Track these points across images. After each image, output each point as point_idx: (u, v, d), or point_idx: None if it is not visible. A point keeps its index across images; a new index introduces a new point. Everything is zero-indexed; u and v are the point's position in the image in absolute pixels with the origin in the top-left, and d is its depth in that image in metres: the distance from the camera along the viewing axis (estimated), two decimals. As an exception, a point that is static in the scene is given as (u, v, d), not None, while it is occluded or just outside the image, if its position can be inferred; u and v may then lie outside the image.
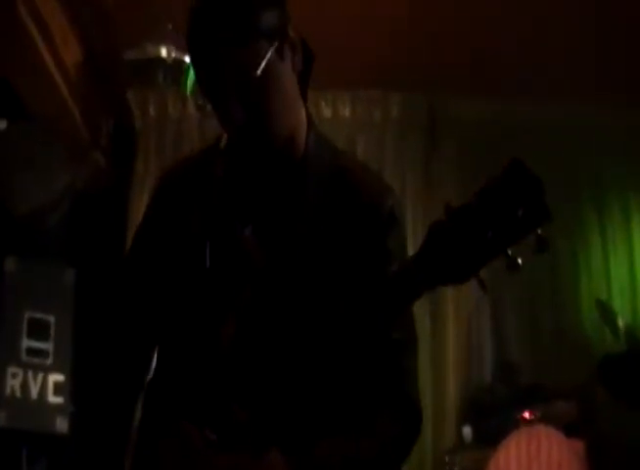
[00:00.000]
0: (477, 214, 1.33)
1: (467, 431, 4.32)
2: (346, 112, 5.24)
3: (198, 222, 1.80)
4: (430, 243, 1.38)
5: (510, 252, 1.35)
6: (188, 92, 4.99)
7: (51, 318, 4.44)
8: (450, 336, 5.03)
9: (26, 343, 4.31)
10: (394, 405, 1.72)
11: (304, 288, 1.71)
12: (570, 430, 3.90)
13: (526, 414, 4.03)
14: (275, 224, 1.75)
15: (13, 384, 4.20)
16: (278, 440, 1.60)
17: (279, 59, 1.69)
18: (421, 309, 4.94)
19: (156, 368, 1.89)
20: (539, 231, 1.32)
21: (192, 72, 4.72)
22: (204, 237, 1.76)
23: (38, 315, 4.39)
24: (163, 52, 4.57)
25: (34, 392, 4.26)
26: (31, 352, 4.31)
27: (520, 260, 1.33)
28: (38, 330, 4.36)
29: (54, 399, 4.35)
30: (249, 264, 1.74)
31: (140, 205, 4.96)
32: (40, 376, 4.31)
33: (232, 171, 1.81)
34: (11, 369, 4.21)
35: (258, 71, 1.63)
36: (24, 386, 4.24)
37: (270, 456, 1.58)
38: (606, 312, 4.37)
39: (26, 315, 4.33)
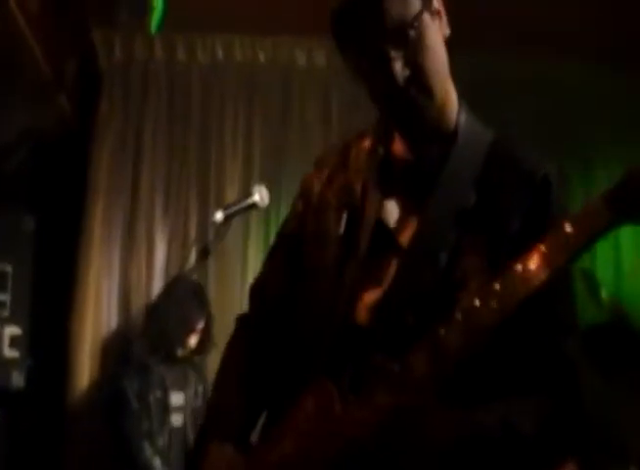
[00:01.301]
0: None
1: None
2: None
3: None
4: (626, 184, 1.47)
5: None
6: (154, 32, 4.78)
7: (8, 268, 4.30)
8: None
9: (-19, 293, 4.17)
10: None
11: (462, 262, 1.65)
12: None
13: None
14: (426, 195, 1.71)
15: (-34, 336, 4.08)
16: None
17: (431, 19, 1.68)
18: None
19: None
20: None
21: (159, 11, 4.52)
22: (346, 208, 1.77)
23: (-5, 265, 4.23)
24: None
25: (-11, 345, 4.13)
26: (-14, 303, 4.17)
27: None
28: (-6, 280, 4.21)
29: (10, 352, 4.21)
30: (392, 241, 1.72)
31: (102, 149, 4.81)
32: (-5, 329, 4.16)
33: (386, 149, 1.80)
34: (-36, 321, 4.08)
35: (417, 23, 1.62)
36: (-22, 338, 4.11)
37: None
38: (590, 283, 4.28)
39: (-19, 264, 4.17)
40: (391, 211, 1.74)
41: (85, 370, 4.33)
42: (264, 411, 1.84)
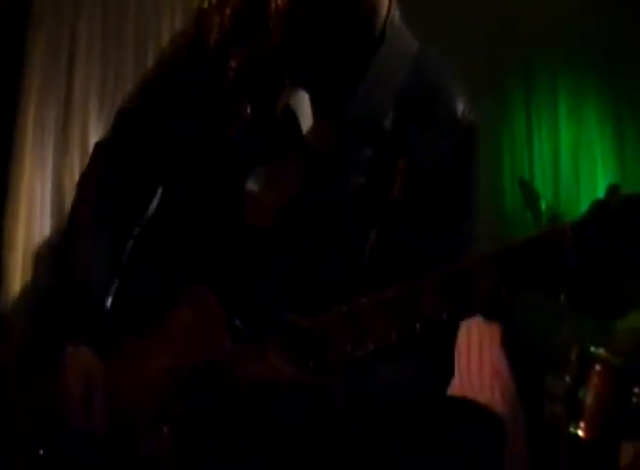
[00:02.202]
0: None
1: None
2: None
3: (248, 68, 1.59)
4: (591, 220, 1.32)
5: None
6: None
7: None
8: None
9: None
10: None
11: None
12: (488, 313, 3.86)
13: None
14: (341, 99, 1.55)
15: None
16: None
17: None
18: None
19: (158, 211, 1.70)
20: None
21: None
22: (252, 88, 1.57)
23: None
24: None
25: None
26: None
27: None
28: None
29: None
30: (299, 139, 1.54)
31: (34, 57, 4.57)
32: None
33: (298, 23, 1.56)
34: None
35: None
36: None
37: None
38: (528, 194, 4.26)
39: None
40: (302, 103, 1.56)
41: (17, 278, 4.26)
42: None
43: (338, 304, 1.43)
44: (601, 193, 4.36)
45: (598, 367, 3.57)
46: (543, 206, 4.08)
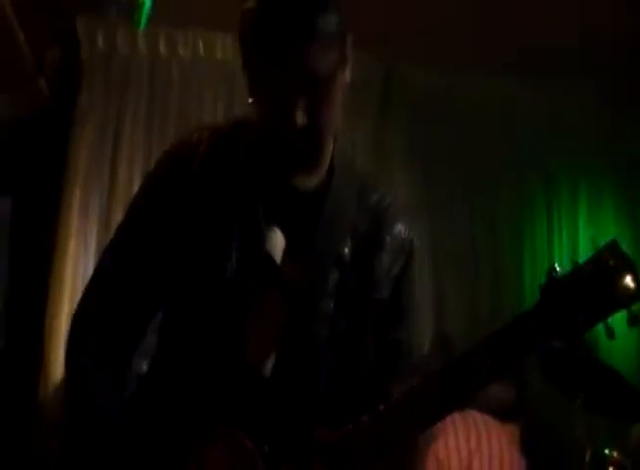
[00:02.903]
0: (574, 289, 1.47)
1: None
2: (340, 7, 5.10)
3: (218, 202, 1.73)
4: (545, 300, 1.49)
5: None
6: (140, 29, 4.82)
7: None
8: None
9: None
10: None
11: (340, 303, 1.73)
12: (505, 414, 3.98)
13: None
14: (306, 235, 1.74)
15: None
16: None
17: (341, 65, 1.69)
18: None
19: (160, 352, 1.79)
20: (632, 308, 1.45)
21: (146, 8, 4.56)
22: (228, 220, 1.70)
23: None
24: (118, -15, 4.37)
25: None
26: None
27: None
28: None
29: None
30: (275, 269, 1.71)
31: (81, 140, 4.85)
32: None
33: (257, 160, 1.75)
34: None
35: (327, 71, 1.63)
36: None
37: None
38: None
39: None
40: (276, 243, 1.72)
41: (59, 363, 4.35)
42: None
43: (353, 412, 1.62)
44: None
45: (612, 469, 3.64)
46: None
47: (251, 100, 1.70)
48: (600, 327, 1.49)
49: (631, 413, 3.76)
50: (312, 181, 1.77)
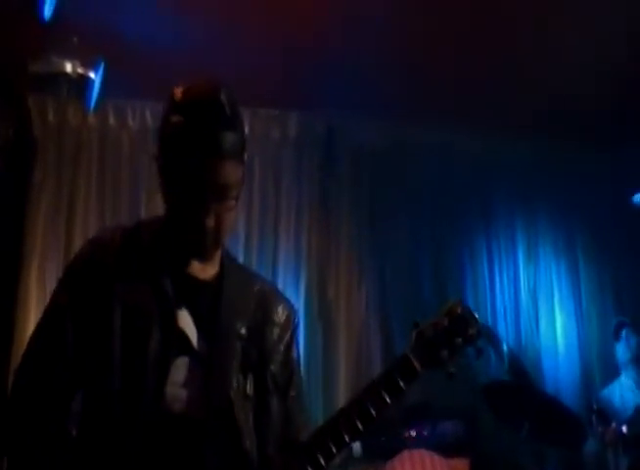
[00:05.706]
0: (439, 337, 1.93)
1: (356, 446, 4.47)
2: (245, 129, 5.30)
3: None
4: (418, 344, 1.92)
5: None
6: (91, 109, 4.97)
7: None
8: (342, 353, 5.22)
9: None
10: None
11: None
12: (455, 449, 4.13)
13: (413, 432, 4.25)
14: (208, 316, 1.96)
15: None
16: None
17: (243, 177, 1.93)
18: (312, 326, 5.21)
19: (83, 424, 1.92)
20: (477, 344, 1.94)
21: (96, 89, 4.72)
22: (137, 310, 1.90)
23: None
24: (68, 67, 4.54)
25: None
26: None
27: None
28: None
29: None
30: (185, 342, 1.92)
31: (36, 214, 5.02)
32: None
33: (160, 250, 1.97)
34: None
35: (235, 182, 1.88)
36: None
37: None
38: (491, 338, 4.60)
39: None
40: (185, 321, 1.93)
41: None
42: None
43: None
44: (559, 332, 4.73)
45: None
46: (505, 348, 4.43)
47: (162, 194, 1.96)
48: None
49: (573, 441, 3.93)
50: (208, 272, 2.00)
